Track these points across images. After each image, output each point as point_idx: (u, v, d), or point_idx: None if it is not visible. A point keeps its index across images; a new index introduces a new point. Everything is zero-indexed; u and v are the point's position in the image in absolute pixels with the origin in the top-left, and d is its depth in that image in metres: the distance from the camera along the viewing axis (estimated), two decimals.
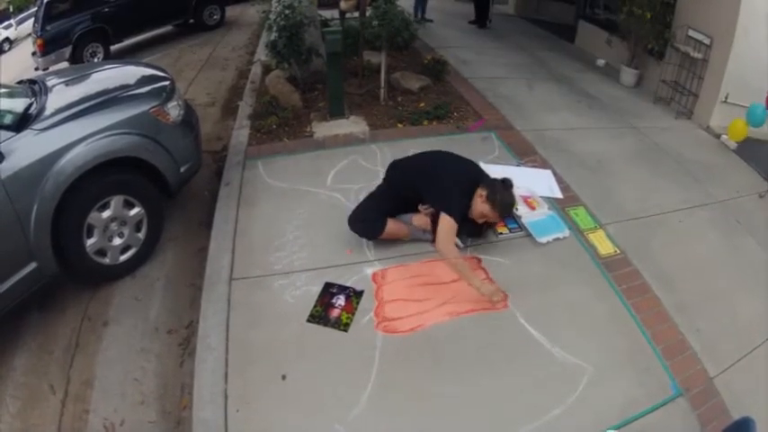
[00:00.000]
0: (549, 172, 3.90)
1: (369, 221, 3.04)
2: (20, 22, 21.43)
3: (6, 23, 21.69)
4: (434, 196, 2.93)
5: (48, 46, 8.17)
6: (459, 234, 2.93)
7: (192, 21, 9.84)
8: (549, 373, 2.38)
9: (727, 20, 4.54)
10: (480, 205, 2.83)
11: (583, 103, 5.35)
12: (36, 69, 8.29)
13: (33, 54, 8.60)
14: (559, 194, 3.63)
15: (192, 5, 9.65)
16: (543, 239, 3.18)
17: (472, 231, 3.09)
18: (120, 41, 8.98)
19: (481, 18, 8.34)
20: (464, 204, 2.84)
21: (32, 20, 9.44)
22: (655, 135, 4.68)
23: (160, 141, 3.15)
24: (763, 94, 4.18)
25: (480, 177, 2.97)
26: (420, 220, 3.10)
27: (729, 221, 3.54)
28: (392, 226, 3.04)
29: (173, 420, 2.38)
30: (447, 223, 2.74)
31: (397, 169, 3.18)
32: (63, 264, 2.81)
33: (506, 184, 2.91)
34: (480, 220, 2.93)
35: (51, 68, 7.86)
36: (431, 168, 3.02)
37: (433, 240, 2.92)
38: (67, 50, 8.26)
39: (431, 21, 8.27)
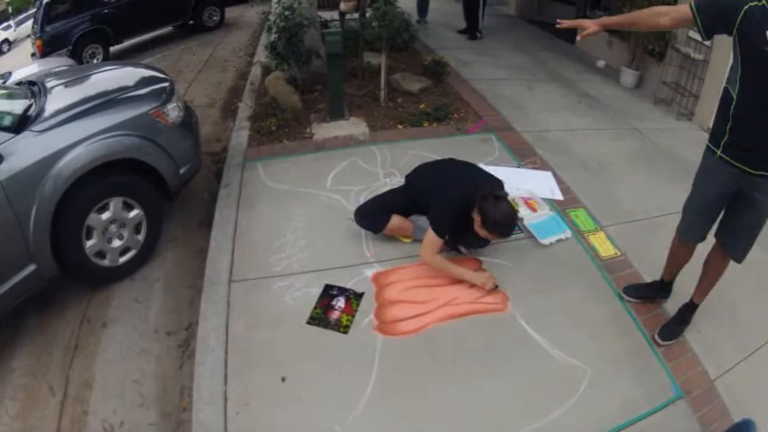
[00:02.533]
0: (549, 173, 3.90)
1: (374, 215, 3.06)
2: (19, 24, 21.48)
3: (5, 24, 21.73)
4: (431, 212, 2.85)
5: (47, 47, 8.17)
6: (466, 246, 3.07)
7: (191, 22, 9.85)
8: (549, 374, 2.38)
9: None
10: (480, 230, 2.70)
11: (583, 104, 5.35)
12: None
13: (32, 55, 8.60)
14: (560, 196, 3.62)
15: (192, 7, 9.66)
16: (546, 241, 3.17)
17: (479, 243, 3.04)
18: (120, 43, 8.98)
19: (471, 28, 7.73)
20: (451, 227, 2.79)
21: (32, 21, 9.45)
22: (655, 136, 4.68)
23: (159, 143, 3.15)
24: None
25: (476, 196, 2.69)
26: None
27: None
28: (396, 222, 3.04)
29: (172, 422, 2.37)
30: (431, 237, 2.74)
31: (416, 175, 3.09)
32: (62, 265, 2.80)
33: (497, 195, 2.62)
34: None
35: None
36: (436, 184, 2.91)
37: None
38: (67, 52, 8.26)
39: (426, 22, 8.24)
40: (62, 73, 3.83)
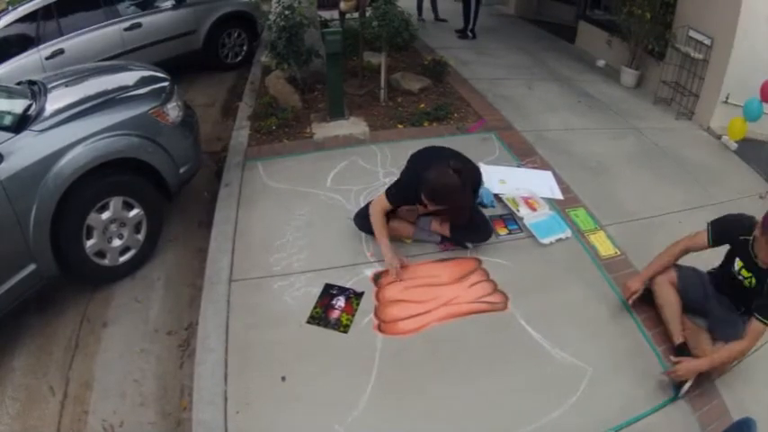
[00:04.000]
0: (549, 173, 3.90)
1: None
2: None
3: None
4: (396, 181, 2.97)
5: None
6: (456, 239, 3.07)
7: None
8: (548, 374, 2.38)
9: (728, 20, 4.54)
10: (422, 197, 2.72)
11: (583, 103, 5.35)
12: None
13: None
14: (560, 196, 3.62)
15: None
16: (546, 240, 3.17)
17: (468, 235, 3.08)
18: None
19: (464, 28, 7.57)
20: (403, 199, 2.88)
21: None
22: (655, 136, 4.68)
23: (159, 142, 3.15)
24: None
25: None
26: (436, 225, 3.07)
27: None
28: (394, 224, 3.03)
29: (172, 422, 2.37)
30: (380, 197, 2.89)
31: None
32: (62, 265, 2.80)
33: (449, 165, 2.63)
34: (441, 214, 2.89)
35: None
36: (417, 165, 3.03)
37: (440, 242, 3.08)
38: None
39: (423, 20, 8.24)
40: (62, 73, 3.83)
